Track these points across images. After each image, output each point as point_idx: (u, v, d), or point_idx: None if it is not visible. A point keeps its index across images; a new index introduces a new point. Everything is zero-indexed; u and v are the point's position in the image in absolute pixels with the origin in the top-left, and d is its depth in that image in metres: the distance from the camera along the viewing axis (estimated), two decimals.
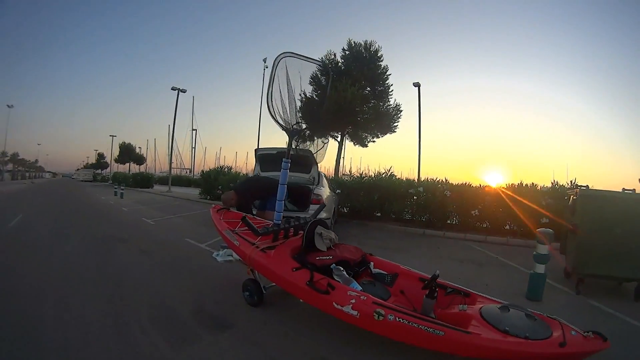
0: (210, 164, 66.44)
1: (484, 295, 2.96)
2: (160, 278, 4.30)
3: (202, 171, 17.72)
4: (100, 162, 67.00)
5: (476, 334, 2.31)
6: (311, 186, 6.74)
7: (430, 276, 2.92)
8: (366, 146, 16.99)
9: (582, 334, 2.34)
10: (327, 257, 3.17)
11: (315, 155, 4.03)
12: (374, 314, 2.46)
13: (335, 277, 2.95)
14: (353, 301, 2.57)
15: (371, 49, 15.74)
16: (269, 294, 3.50)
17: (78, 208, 12.39)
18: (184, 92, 23.88)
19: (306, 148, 4.05)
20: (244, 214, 3.71)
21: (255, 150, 7.32)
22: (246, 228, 3.57)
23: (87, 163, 78.49)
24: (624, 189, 4.90)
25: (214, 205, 4.65)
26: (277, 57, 3.50)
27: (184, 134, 67.84)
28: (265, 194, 5.14)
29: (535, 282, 4.19)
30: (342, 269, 3.08)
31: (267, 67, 24.95)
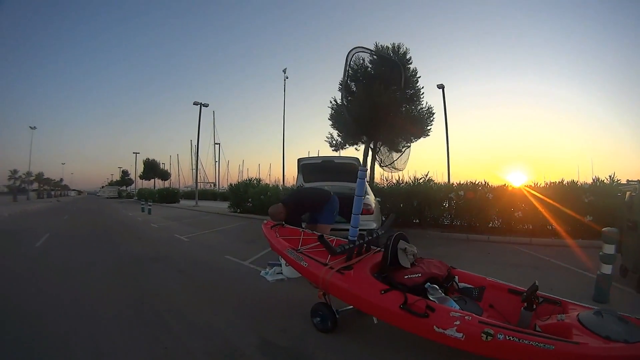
0: (233, 177, 66.97)
1: (573, 301, 2.80)
2: (208, 304, 3.86)
3: (231, 184, 17.66)
4: (125, 178, 68.69)
5: (584, 343, 2.18)
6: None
7: (518, 287, 2.92)
8: (400, 151, 16.73)
9: None
10: (416, 275, 2.88)
11: (396, 162, 3.70)
12: (482, 334, 2.26)
13: (430, 297, 2.68)
14: (457, 323, 2.34)
15: (400, 52, 15.33)
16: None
17: (106, 225, 12.36)
18: (206, 106, 24.21)
19: (386, 153, 3.70)
20: (319, 233, 3.37)
21: (299, 160, 7.05)
22: (313, 246, 3.38)
23: (112, 180, 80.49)
24: None
25: (265, 221, 4.38)
26: (349, 51, 3.20)
27: (206, 148, 68.70)
28: (316, 206, 4.88)
29: (602, 282, 4.00)
30: (437, 287, 2.82)
31: (287, 78, 24.90)
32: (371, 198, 6.74)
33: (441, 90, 18.61)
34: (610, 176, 8.93)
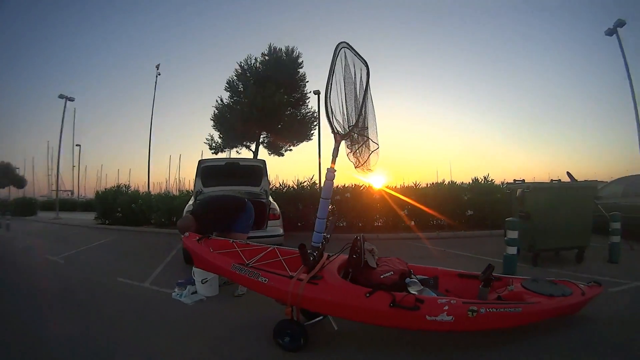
0: (91, 184, 58.92)
1: (508, 276, 3.69)
2: (139, 348, 2.94)
3: (97, 192, 15.42)
4: None
5: (538, 302, 2.90)
6: (264, 200, 6.15)
7: (466, 271, 3.55)
8: (282, 155, 16.61)
9: (586, 284, 3.34)
10: (390, 273, 2.94)
11: (365, 164, 3.46)
12: (469, 312, 2.61)
13: (410, 291, 2.82)
14: (446, 307, 2.60)
15: (292, 55, 15.41)
16: None
17: None
18: (72, 100, 20.39)
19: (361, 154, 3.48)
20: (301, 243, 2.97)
21: (200, 161, 6.41)
22: (259, 258, 3.22)
23: None
24: (552, 180, 6.17)
25: (187, 234, 3.69)
26: (337, 46, 2.99)
27: (63, 151, 58.63)
28: (232, 215, 4.49)
29: (509, 262, 5.07)
30: (417, 281, 2.99)
31: (159, 74, 22.45)
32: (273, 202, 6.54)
33: (317, 95, 18.74)
34: (485, 177, 10.65)
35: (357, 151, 3.25)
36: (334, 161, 3.03)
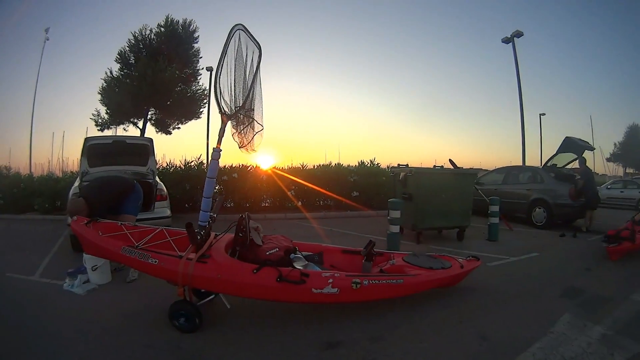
0: None
1: (389, 251, 4.02)
2: (35, 343, 2.75)
3: None
4: None
5: (419, 274, 3.21)
6: (151, 180, 5.93)
7: (349, 247, 3.81)
8: (170, 133, 16.06)
9: (465, 259, 3.69)
10: (276, 250, 3.08)
11: (250, 144, 3.50)
12: (352, 284, 2.81)
13: (296, 266, 3.00)
14: (331, 280, 2.78)
15: (190, 29, 14.85)
16: None
17: None
18: None
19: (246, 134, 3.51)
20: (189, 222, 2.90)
21: (86, 139, 5.99)
22: (149, 239, 3.21)
23: None
24: (434, 166, 6.82)
25: (75, 218, 3.46)
26: (232, 28, 3.02)
27: None
28: (121, 197, 4.40)
29: (393, 239, 5.48)
30: (301, 256, 3.20)
31: (48, 39, 20.60)
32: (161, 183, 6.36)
33: (209, 72, 16.57)
34: (371, 160, 11.34)
35: (242, 132, 3.29)
36: (220, 141, 3.10)
